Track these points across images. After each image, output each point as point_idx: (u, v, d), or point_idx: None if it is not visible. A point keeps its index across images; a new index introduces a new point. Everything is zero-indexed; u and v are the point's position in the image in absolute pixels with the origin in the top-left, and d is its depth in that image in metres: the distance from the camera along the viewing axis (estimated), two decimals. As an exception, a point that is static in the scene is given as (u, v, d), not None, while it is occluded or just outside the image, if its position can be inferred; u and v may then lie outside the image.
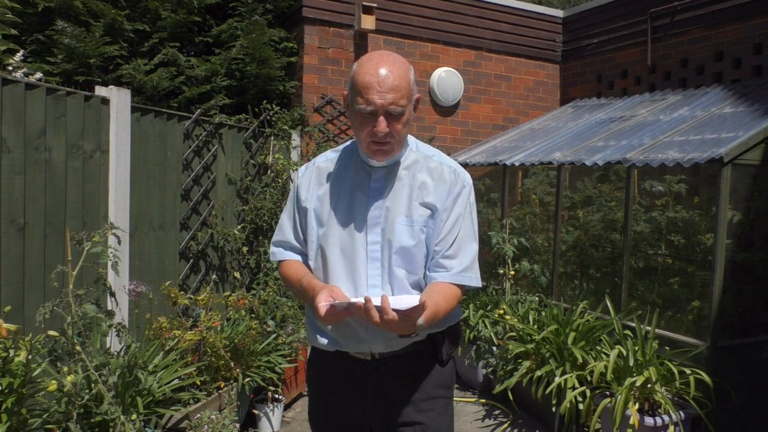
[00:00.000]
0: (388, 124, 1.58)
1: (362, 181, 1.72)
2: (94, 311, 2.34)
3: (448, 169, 1.74)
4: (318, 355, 1.82)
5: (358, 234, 1.68)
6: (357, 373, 1.72)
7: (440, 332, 1.72)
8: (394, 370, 1.70)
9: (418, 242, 1.66)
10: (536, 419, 3.84)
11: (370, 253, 1.67)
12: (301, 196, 1.77)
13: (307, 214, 1.75)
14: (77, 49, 4.10)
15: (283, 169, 4.68)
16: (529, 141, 5.24)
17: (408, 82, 1.61)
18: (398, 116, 1.59)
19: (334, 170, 1.78)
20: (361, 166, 1.74)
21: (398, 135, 1.62)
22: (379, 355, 1.69)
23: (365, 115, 1.60)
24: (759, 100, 3.98)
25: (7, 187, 2.85)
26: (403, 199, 1.69)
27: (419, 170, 1.73)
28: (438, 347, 1.73)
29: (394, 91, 1.56)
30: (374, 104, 1.56)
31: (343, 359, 1.73)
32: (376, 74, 1.58)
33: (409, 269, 1.67)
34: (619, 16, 5.63)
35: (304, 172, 1.81)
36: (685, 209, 3.95)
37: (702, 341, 3.36)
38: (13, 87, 2.86)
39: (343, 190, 1.73)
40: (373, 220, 1.68)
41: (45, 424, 2.38)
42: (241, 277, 4.39)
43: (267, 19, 4.86)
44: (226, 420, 2.99)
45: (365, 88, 1.58)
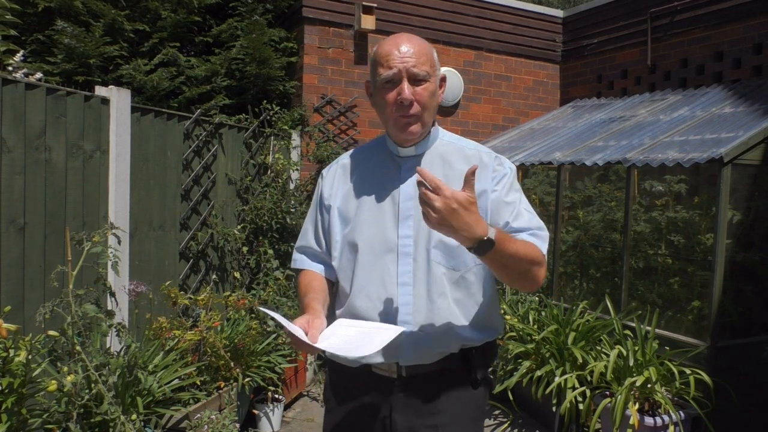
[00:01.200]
0: (413, 92, 1.50)
1: (391, 173, 1.61)
2: (94, 311, 2.34)
3: (487, 154, 1.61)
4: (338, 372, 1.66)
5: (389, 228, 1.55)
6: (381, 395, 1.57)
7: (474, 348, 1.56)
8: (422, 392, 1.55)
9: None
10: (536, 419, 3.84)
11: (401, 248, 1.54)
12: (325, 194, 1.68)
13: (330, 211, 1.64)
14: (77, 49, 4.10)
15: (283, 169, 4.68)
16: (529, 141, 5.24)
17: (430, 53, 1.54)
18: (422, 81, 1.50)
19: (360, 166, 1.67)
20: (390, 158, 1.63)
21: (425, 104, 1.51)
22: (406, 371, 1.54)
23: (387, 85, 1.51)
24: (759, 100, 3.98)
25: (7, 187, 2.85)
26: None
27: (455, 159, 1.60)
28: (472, 366, 1.57)
29: (415, 56, 1.49)
30: (396, 67, 1.49)
31: (367, 378, 1.58)
32: (395, 43, 1.52)
33: (451, 265, 1.53)
34: (619, 16, 5.63)
35: (328, 171, 1.72)
36: (685, 209, 3.95)
37: (702, 341, 3.36)
38: (13, 87, 2.86)
39: (370, 184, 1.62)
40: (405, 212, 1.55)
41: (45, 424, 2.38)
42: (241, 277, 4.39)
43: (267, 19, 4.86)
44: (226, 420, 2.99)
45: (385, 57, 1.51)
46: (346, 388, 1.64)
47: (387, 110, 1.54)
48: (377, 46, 1.56)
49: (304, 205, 4.75)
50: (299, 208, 4.71)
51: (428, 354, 1.53)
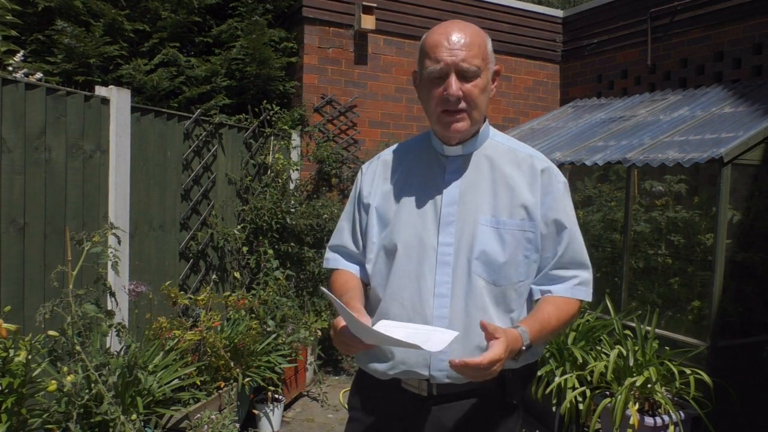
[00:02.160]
0: (462, 87, 1.39)
1: (435, 174, 1.51)
2: (94, 311, 2.34)
3: (540, 162, 1.50)
4: (367, 381, 1.56)
5: (428, 234, 1.46)
6: (410, 412, 1.48)
7: (512, 370, 1.45)
8: (452, 413, 1.46)
9: (507, 248, 1.43)
10: (536, 419, 3.84)
11: (440, 257, 1.44)
12: (364, 191, 1.58)
13: (369, 211, 1.55)
14: (77, 49, 4.10)
15: (283, 169, 4.68)
16: (529, 141, 5.24)
17: (483, 43, 1.44)
18: (472, 77, 1.40)
19: (403, 163, 1.57)
20: (434, 157, 1.53)
21: (474, 101, 1.41)
22: (437, 389, 1.45)
23: (434, 79, 1.41)
24: (759, 100, 3.98)
25: (7, 187, 2.85)
26: (485, 194, 1.46)
27: (505, 162, 1.50)
28: (507, 388, 1.46)
29: (465, 48, 1.39)
30: (443, 61, 1.39)
31: (396, 393, 1.49)
32: (445, 33, 1.41)
33: (492, 279, 1.43)
34: (619, 16, 5.63)
35: (368, 167, 1.62)
36: (685, 209, 3.95)
37: (702, 341, 3.36)
38: (13, 87, 2.86)
39: (412, 184, 1.52)
40: (446, 217, 1.45)
41: (45, 424, 2.38)
42: (241, 277, 4.39)
43: (267, 19, 4.86)
44: (226, 420, 2.99)
45: (433, 48, 1.41)
46: (374, 400, 1.56)
47: (432, 105, 1.45)
48: (426, 34, 1.46)
49: (304, 205, 4.75)
50: (299, 208, 4.71)
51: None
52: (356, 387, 1.63)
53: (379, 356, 1.48)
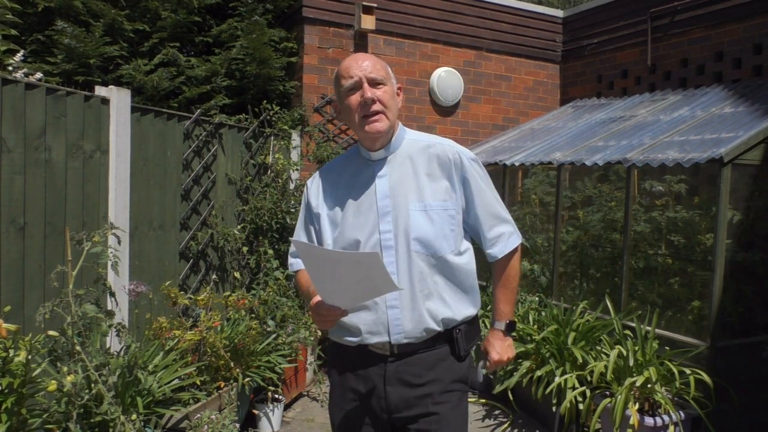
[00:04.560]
0: (373, 92, 1.71)
1: (367, 176, 1.80)
2: (94, 311, 2.34)
3: (449, 148, 1.80)
4: (338, 350, 1.87)
5: (371, 226, 1.74)
6: (376, 370, 1.77)
7: (458, 328, 1.79)
8: (412, 366, 1.76)
9: (435, 225, 1.73)
10: (536, 419, 3.84)
11: (383, 242, 1.73)
12: (312, 203, 1.87)
13: (320, 219, 1.83)
14: (77, 49, 4.10)
15: (283, 169, 4.68)
16: (529, 141, 5.24)
17: (383, 65, 1.77)
18: (380, 84, 1.72)
19: (339, 174, 1.87)
20: (365, 163, 1.83)
21: (386, 103, 1.72)
22: (398, 349, 1.74)
23: (350, 92, 1.73)
24: (759, 100, 3.98)
25: (7, 187, 2.85)
26: (411, 184, 1.76)
27: (421, 155, 1.80)
28: (457, 343, 1.79)
29: (371, 66, 1.73)
30: (355, 75, 1.71)
31: (364, 355, 1.78)
32: (354, 57, 1.76)
33: (430, 253, 1.73)
34: (619, 16, 5.63)
35: (312, 182, 1.91)
36: (685, 209, 3.95)
37: (702, 341, 3.36)
38: (13, 87, 2.87)
39: (351, 188, 1.81)
40: (383, 209, 1.75)
41: (45, 424, 2.38)
42: (241, 277, 4.39)
43: (267, 19, 4.86)
44: (226, 420, 2.99)
45: (345, 69, 1.74)
46: (345, 364, 1.84)
47: (353, 114, 1.75)
48: (337, 68, 1.79)
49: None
50: (299, 208, 4.70)
51: (416, 333, 1.73)
52: (331, 359, 1.93)
53: (351, 330, 1.78)
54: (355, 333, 1.77)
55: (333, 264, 1.51)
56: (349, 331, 1.78)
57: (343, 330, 1.79)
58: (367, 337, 1.75)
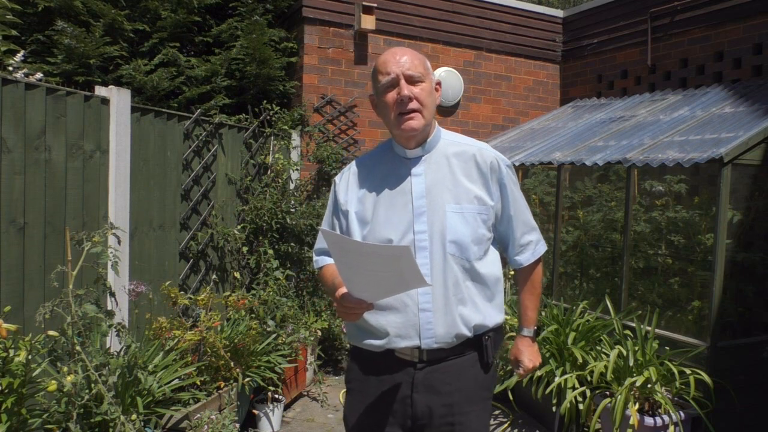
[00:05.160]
0: (411, 90, 1.67)
1: (402, 174, 1.75)
2: (94, 311, 2.34)
3: (489, 154, 1.78)
4: (360, 354, 1.81)
5: (404, 225, 1.70)
6: (404, 377, 1.72)
7: (487, 335, 1.76)
8: (440, 374, 1.71)
9: (469, 228, 1.70)
10: (536, 419, 3.84)
11: (417, 243, 1.68)
12: (340, 199, 1.82)
13: (348, 216, 1.78)
14: (77, 49, 4.10)
15: (283, 169, 4.68)
16: (529, 141, 5.24)
17: (422, 59, 1.73)
18: (418, 81, 1.68)
19: (371, 170, 1.82)
20: (399, 160, 1.78)
21: (423, 101, 1.69)
22: (427, 355, 1.70)
23: (388, 88, 1.70)
24: (759, 100, 3.98)
25: (7, 187, 2.85)
26: (447, 185, 1.72)
27: (459, 157, 1.77)
28: (486, 350, 1.76)
29: (409, 61, 1.69)
30: (393, 72, 1.68)
31: (390, 361, 1.73)
32: (391, 53, 1.72)
33: (464, 256, 1.70)
34: (619, 16, 5.63)
35: (341, 178, 1.86)
36: (685, 209, 3.95)
37: (702, 341, 3.36)
38: (13, 87, 2.86)
39: (383, 186, 1.76)
40: (418, 209, 1.70)
41: (45, 424, 2.38)
42: (241, 277, 4.39)
43: (267, 19, 4.86)
44: (226, 420, 2.99)
45: (383, 65, 1.71)
46: (370, 371, 1.78)
47: (389, 111, 1.71)
48: (375, 62, 1.76)
49: (304, 205, 4.75)
50: (299, 208, 4.71)
51: (447, 339, 1.69)
52: (352, 363, 1.86)
53: (377, 333, 1.71)
54: (381, 336, 1.71)
55: (362, 256, 1.47)
56: (374, 335, 1.72)
57: (367, 333, 1.74)
58: (395, 340, 1.69)
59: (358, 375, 1.82)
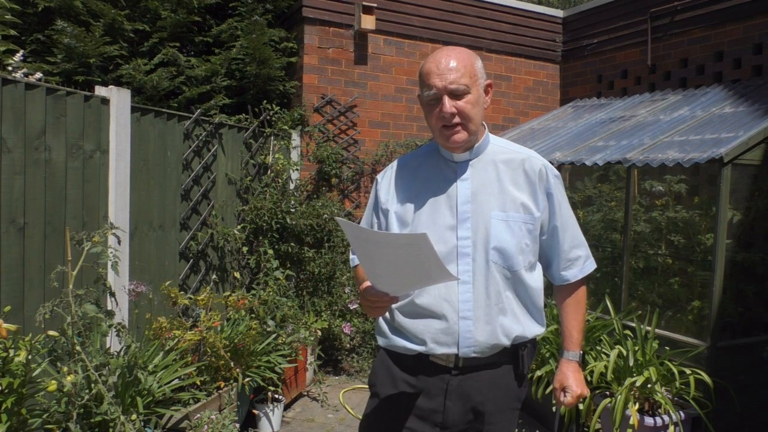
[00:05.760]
0: (454, 105, 1.61)
1: (448, 177, 1.71)
2: (94, 311, 2.34)
3: (537, 162, 1.72)
4: (391, 357, 1.76)
5: (447, 230, 1.65)
6: (438, 382, 1.68)
7: (524, 345, 1.72)
8: (477, 380, 1.68)
9: (515, 237, 1.65)
10: (536, 419, 3.84)
11: (460, 249, 1.64)
12: (381, 198, 1.78)
13: (388, 216, 1.74)
14: (77, 49, 4.10)
15: (283, 169, 4.68)
16: (529, 141, 5.24)
17: (470, 64, 1.65)
18: (462, 95, 1.62)
19: (415, 170, 1.77)
20: (445, 164, 1.74)
21: (466, 115, 1.63)
22: (463, 362, 1.66)
23: (431, 102, 1.64)
24: (759, 100, 3.98)
25: (7, 187, 2.85)
26: (494, 193, 1.68)
27: (507, 164, 1.72)
28: (522, 361, 1.72)
29: (453, 72, 1.61)
30: (435, 87, 1.61)
31: (423, 363, 1.69)
32: (435, 60, 1.64)
33: (507, 265, 1.65)
34: (619, 16, 5.63)
35: (383, 176, 1.82)
36: (685, 209, 3.95)
37: (702, 341, 3.36)
38: (13, 87, 2.86)
39: (427, 188, 1.72)
40: (463, 214, 1.66)
41: (45, 424, 2.38)
42: (241, 277, 4.39)
43: (267, 19, 4.86)
44: (226, 420, 2.99)
45: (426, 75, 1.64)
46: (401, 373, 1.73)
47: (432, 123, 1.67)
48: (423, 63, 1.68)
49: (304, 205, 4.75)
50: (299, 208, 4.71)
51: (485, 347, 1.65)
52: (379, 365, 1.80)
53: (413, 338, 1.68)
54: (419, 342, 1.67)
55: (380, 246, 1.42)
56: (410, 338, 1.68)
57: (403, 335, 1.70)
58: (433, 347, 1.65)
59: (385, 377, 1.76)
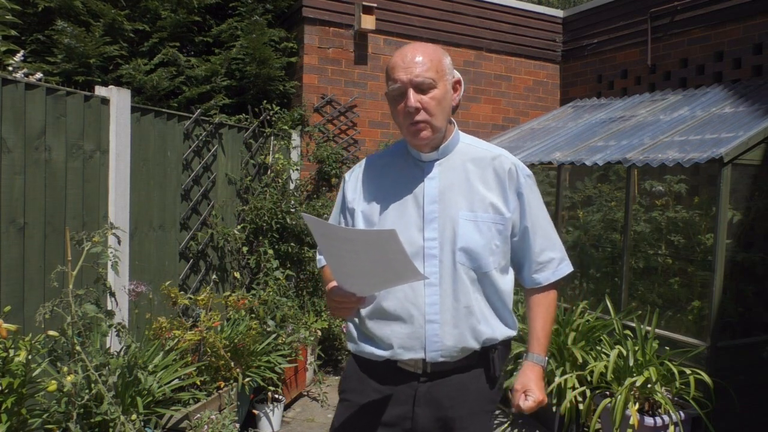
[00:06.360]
0: (419, 99, 1.56)
1: (415, 177, 1.66)
2: (94, 311, 2.34)
3: (507, 161, 1.67)
4: (359, 363, 1.72)
5: (414, 230, 1.61)
6: (405, 389, 1.64)
7: (496, 350, 1.67)
8: (444, 387, 1.63)
9: (483, 238, 1.60)
10: (536, 419, 3.84)
11: (426, 250, 1.59)
12: (348, 197, 1.74)
13: (354, 215, 1.70)
14: (77, 49, 4.10)
15: (283, 169, 4.68)
16: (529, 141, 5.24)
17: (437, 58, 1.60)
18: (428, 89, 1.56)
19: (383, 169, 1.73)
20: (413, 163, 1.69)
21: (432, 110, 1.57)
22: (431, 367, 1.62)
23: (397, 97, 1.60)
24: (759, 100, 3.98)
25: (7, 187, 2.85)
26: (462, 191, 1.63)
27: (475, 163, 1.67)
28: (493, 364, 1.67)
29: (419, 65, 1.56)
30: (400, 80, 1.57)
31: (391, 372, 1.65)
32: (401, 54, 1.60)
33: (474, 267, 1.60)
34: (619, 16, 5.63)
35: (351, 175, 1.78)
36: (685, 209, 3.95)
37: (702, 341, 3.36)
38: (13, 87, 2.86)
39: (394, 188, 1.67)
40: (430, 215, 1.61)
41: (45, 424, 2.38)
42: (241, 277, 4.39)
43: (267, 19, 4.86)
44: (226, 420, 2.99)
45: (392, 69, 1.60)
46: (369, 380, 1.69)
47: (399, 119, 1.62)
48: (389, 61, 1.64)
49: (304, 205, 4.75)
50: (299, 208, 4.71)
51: (454, 351, 1.60)
52: (349, 370, 1.76)
53: (380, 343, 1.64)
54: (385, 347, 1.62)
55: (347, 244, 1.37)
56: (377, 343, 1.64)
57: (370, 341, 1.66)
58: (399, 352, 1.60)
59: (355, 384, 1.72)
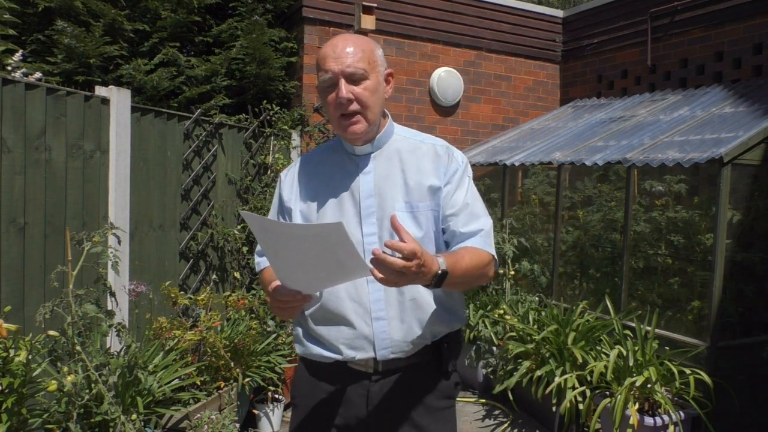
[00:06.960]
0: (351, 90, 1.52)
1: (350, 172, 1.62)
2: (94, 311, 2.34)
3: (441, 148, 1.65)
4: (308, 366, 1.67)
5: (351, 226, 1.56)
6: (357, 389, 1.60)
7: (446, 342, 1.62)
8: (397, 385, 1.59)
9: (422, 228, 1.57)
10: (536, 419, 3.84)
11: (366, 246, 1.55)
12: (284, 196, 1.69)
13: (291, 214, 1.65)
14: (77, 49, 4.10)
15: (283, 169, 4.69)
16: (529, 141, 5.24)
17: (369, 49, 1.57)
18: (359, 80, 1.52)
19: (318, 167, 1.69)
20: (348, 158, 1.65)
21: (364, 102, 1.53)
22: (383, 366, 1.58)
23: (328, 88, 1.54)
24: (759, 100, 3.98)
25: (7, 187, 2.85)
26: (398, 184, 1.59)
27: (411, 153, 1.64)
28: (443, 359, 1.62)
29: (350, 56, 1.52)
30: (331, 71, 1.52)
31: (342, 373, 1.61)
32: (332, 45, 1.55)
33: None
34: (619, 16, 5.63)
35: (286, 174, 1.73)
36: (685, 209, 3.95)
37: (702, 341, 3.36)
38: (13, 87, 2.87)
39: (329, 184, 1.63)
40: (367, 210, 1.57)
41: (45, 424, 2.38)
42: (241, 277, 4.39)
43: (267, 19, 4.86)
44: (226, 420, 2.99)
45: (323, 60, 1.54)
46: (319, 382, 1.65)
47: (330, 112, 1.57)
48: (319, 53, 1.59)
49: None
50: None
51: (403, 347, 1.57)
52: (299, 374, 1.72)
53: (326, 344, 1.59)
54: (334, 349, 1.58)
55: (290, 240, 1.31)
56: (325, 345, 1.59)
57: (318, 342, 1.61)
58: (349, 353, 1.55)
59: (306, 388, 1.67)
